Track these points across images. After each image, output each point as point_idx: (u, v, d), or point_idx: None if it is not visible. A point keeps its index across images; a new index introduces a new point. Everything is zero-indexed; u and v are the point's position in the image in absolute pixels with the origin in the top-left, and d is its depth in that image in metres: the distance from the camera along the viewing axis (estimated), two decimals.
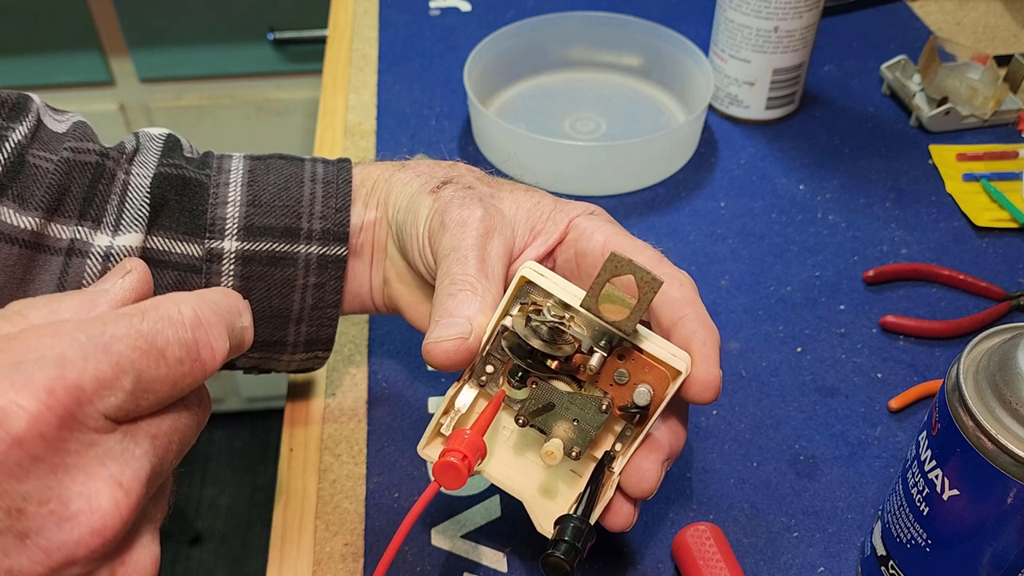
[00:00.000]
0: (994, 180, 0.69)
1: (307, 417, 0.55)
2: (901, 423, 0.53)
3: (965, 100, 0.74)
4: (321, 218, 0.46)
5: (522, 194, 0.44)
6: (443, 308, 0.38)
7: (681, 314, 0.39)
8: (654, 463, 0.39)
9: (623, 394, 0.38)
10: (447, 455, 0.36)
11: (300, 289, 0.46)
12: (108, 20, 1.26)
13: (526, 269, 0.38)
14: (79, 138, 0.44)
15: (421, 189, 0.44)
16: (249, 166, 0.47)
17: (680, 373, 0.37)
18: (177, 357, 0.28)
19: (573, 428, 0.38)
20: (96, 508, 0.26)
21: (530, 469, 0.41)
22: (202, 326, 0.29)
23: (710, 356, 0.38)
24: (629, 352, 0.38)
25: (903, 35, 0.86)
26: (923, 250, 0.64)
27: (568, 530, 0.37)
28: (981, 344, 0.38)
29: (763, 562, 0.47)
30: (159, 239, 0.44)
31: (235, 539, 1.64)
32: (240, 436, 1.79)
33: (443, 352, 0.37)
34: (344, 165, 0.48)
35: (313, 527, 0.49)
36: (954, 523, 0.38)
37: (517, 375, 0.39)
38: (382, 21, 0.91)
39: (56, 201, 0.42)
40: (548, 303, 0.38)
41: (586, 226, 0.42)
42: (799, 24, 0.70)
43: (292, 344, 0.49)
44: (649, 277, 0.35)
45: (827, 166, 0.72)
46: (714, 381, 0.38)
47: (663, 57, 0.78)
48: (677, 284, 0.40)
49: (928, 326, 0.58)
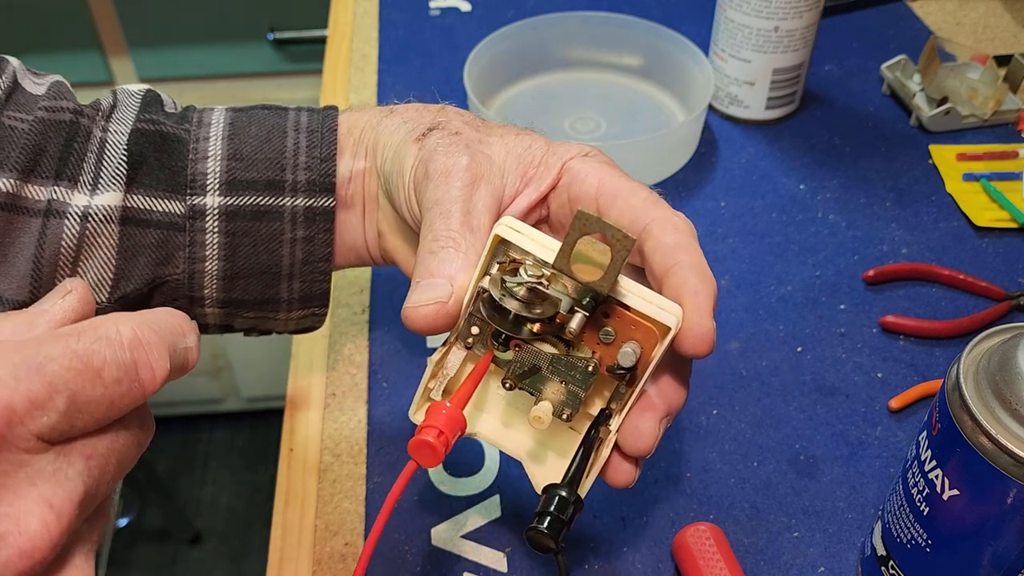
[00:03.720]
0: (994, 180, 0.69)
1: (307, 417, 0.55)
2: (901, 423, 0.53)
3: (965, 100, 0.74)
4: (306, 169, 0.44)
5: (513, 137, 0.42)
6: (424, 267, 0.37)
7: (673, 261, 0.36)
8: (650, 421, 0.37)
9: (611, 353, 0.36)
10: (422, 432, 0.34)
11: (288, 243, 0.45)
12: (108, 20, 1.26)
13: (500, 226, 0.36)
14: (54, 97, 0.43)
15: (407, 137, 0.42)
16: (231, 118, 0.46)
17: (669, 329, 0.35)
18: (114, 377, 0.27)
19: (563, 390, 0.37)
20: (25, 529, 0.25)
21: (527, 426, 0.39)
22: (141, 346, 0.28)
23: (703, 306, 0.35)
24: (614, 309, 0.35)
25: (903, 35, 0.86)
26: (923, 250, 0.64)
27: (553, 501, 0.35)
28: (981, 344, 0.38)
29: (763, 562, 0.47)
30: (139, 197, 0.43)
31: (235, 539, 1.64)
32: (240, 436, 1.79)
33: (421, 317, 0.36)
34: (329, 113, 0.46)
35: (313, 527, 0.49)
36: (954, 523, 0.38)
37: (500, 338, 0.37)
38: (382, 21, 0.91)
39: (32, 162, 0.41)
40: (526, 262, 0.35)
41: (579, 168, 0.40)
42: (799, 24, 0.70)
43: (286, 301, 0.47)
44: (620, 235, 0.32)
45: (827, 166, 0.72)
46: (707, 334, 0.35)
47: (663, 57, 0.78)
48: (671, 229, 0.37)
49: (928, 326, 0.58)
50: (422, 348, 0.58)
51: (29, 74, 0.45)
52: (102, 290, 0.43)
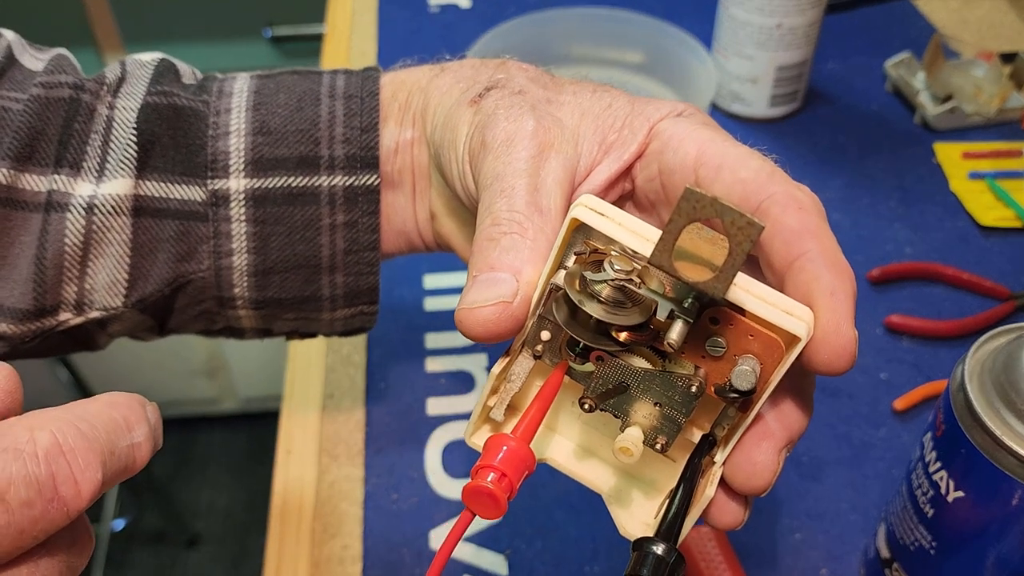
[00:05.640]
0: (999, 179, 0.68)
1: (305, 419, 0.54)
2: (906, 424, 0.53)
3: (970, 97, 0.73)
4: (344, 142, 0.38)
5: (589, 95, 0.35)
6: (482, 258, 0.30)
7: (800, 251, 0.29)
8: (768, 452, 0.29)
9: (720, 369, 0.28)
10: (479, 475, 0.27)
11: (328, 230, 0.39)
12: (103, 16, 1.26)
13: (579, 207, 0.28)
14: (51, 71, 0.38)
15: (460, 99, 0.35)
16: (256, 86, 0.39)
17: (798, 340, 0.27)
18: (23, 499, 0.21)
19: (656, 413, 0.29)
20: None
21: (610, 453, 0.31)
22: (62, 456, 0.22)
23: (840, 309, 0.28)
24: (725, 314, 0.27)
25: (907, 32, 0.86)
26: (928, 249, 0.64)
27: (648, 562, 0.27)
28: (986, 344, 0.37)
29: (765, 564, 0.46)
30: (152, 183, 0.37)
31: (232, 542, 1.64)
32: (237, 438, 1.79)
33: (479, 322, 0.29)
34: (370, 75, 0.40)
35: (311, 530, 0.48)
36: (959, 525, 0.37)
37: (577, 347, 0.29)
38: (381, 17, 0.90)
39: (27, 148, 0.36)
40: (611, 252, 0.28)
41: (673, 132, 0.32)
42: (802, 21, 0.70)
43: (329, 299, 0.40)
44: (743, 221, 0.24)
45: (831, 164, 0.71)
46: (847, 344, 0.27)
47: (665, 54, 0.77)
48: (794, 208, 0.29)
49: (933, 326, 0.58)
50: (422, 348, 0.57)
51: (30, 49, 0.40)
52: (117, 294, 0.38)
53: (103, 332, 0.40)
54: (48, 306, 0.37)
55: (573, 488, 0.33)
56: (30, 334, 0.37)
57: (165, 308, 0.40)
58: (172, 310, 0.40)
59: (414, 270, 0.63)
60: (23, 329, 0.37)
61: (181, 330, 0.42)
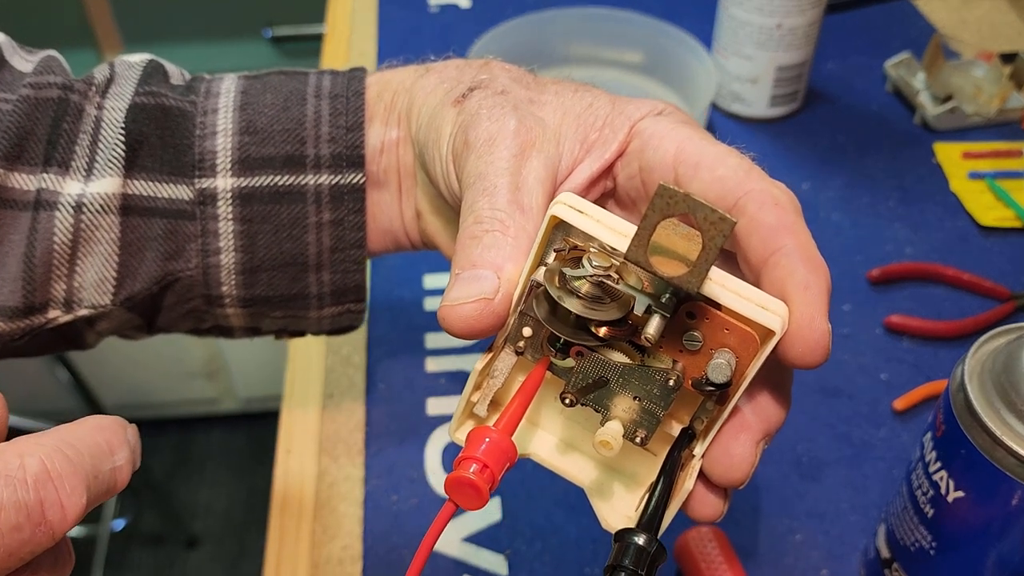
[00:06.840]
0: (999, 179, 0.68)
1: (304, 419, 0.54)
2: (905, 424, 0.53)
3: (970, 97, 0.73)
4: (329, 141, 0.39)
5: (570, 95, 0.35)
6: (465, 256, 0.30)
7: (776, 247, 0.29)
8: (746, 445, 0.30)
9: (697, 363, 0.29)
10: (461, 466, 0.28)
11: (314, 228, 0.39)
12: (103, 16, 1.26)
13: (558, 205, 0.29)
14: (40, 72, 0.39)
15: (444, 99, 0.36)
16: (242, 87, 0.40)
17: (772, 333, 0.28)
18: (12, 524, 0.22)
19: (636, 407, 0.30)
20: None
21: (591, 447, 0.32)
22: (50, 482, 0.23)
23: (814, 304, 0.28)
24: (701, 308, 0.28)
25: (907, 32, 0.86)
26: (928, 249, 0.64)
27: (629, 553, 0.28)
28: (986, 345, 0.37)
29: (766, 565, 0.46)
30: (140, 182, 0.38)
31: (231, 542, 1.64)
32: (237, 438, 1.79)
33: (461, 318, 0.29)
34: (356, 75, 0.41)
35: (311, 530, 0.48)
36: (959, 526, 0.37)
37: (557, 343, 0.30)
38: (381, 17, 0.90)
39: (16, 147, 0.37)
40: (590, 249, 0.29)
41: (653, 131, 0.33)
42: (802, 21, 0.70)
43: (316, 297, 0.41)
44: (715, 216, 0.25)
45: (831, 164, 0.71)
46: (820, 338, 0.28)
47: (665, 54, 0.77)
48: (770, 204, 0.30)
49: (933, 326, 0.58)
50: (422, 348, 0.57)
51: (20, 50, 0.40)
52: (105, 291, 0.39)
53: (91, 330, 0.41)
54: (37, 304, 0.38)
55: (573, 489, 0.34)
56: (19, 332, 0.38)
57: (153, 306, 0.40)
58: (160, 308, 0.40)
59: (414, 270, 0.63)
60: (12, 327, 0.38)
61: (169, 329, 0.42)
